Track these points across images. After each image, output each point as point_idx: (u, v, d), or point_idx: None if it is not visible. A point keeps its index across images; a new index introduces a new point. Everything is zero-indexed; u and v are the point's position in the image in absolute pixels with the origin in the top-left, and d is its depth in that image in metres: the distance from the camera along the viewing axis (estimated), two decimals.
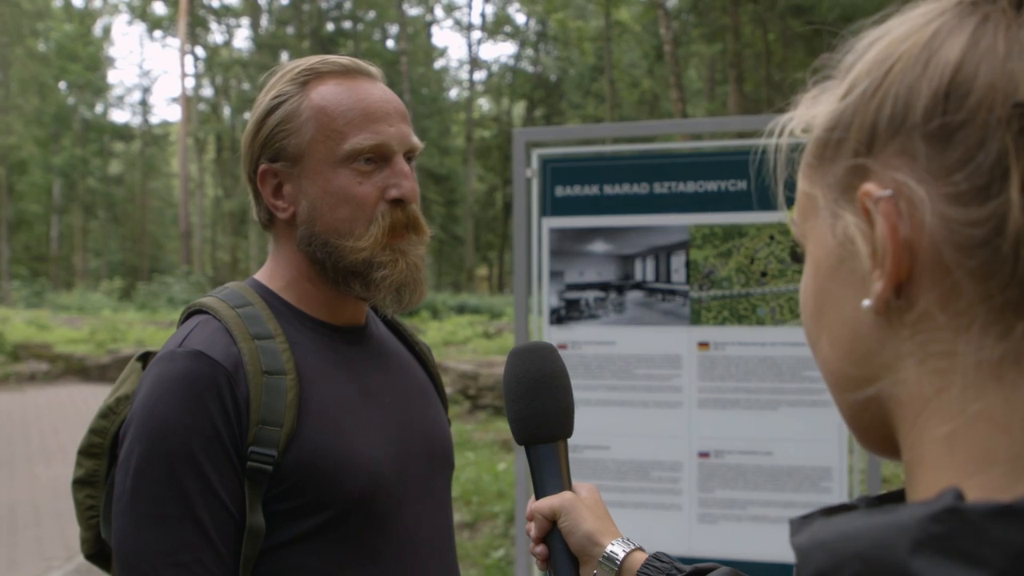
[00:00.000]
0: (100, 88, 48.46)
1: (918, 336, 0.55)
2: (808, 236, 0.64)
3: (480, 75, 50.11)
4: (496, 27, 48.09)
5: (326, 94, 1.41)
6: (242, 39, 55.89)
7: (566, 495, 1.15)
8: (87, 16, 49.63)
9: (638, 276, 3.15)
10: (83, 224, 47.91)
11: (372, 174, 1.40)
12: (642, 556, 1.12)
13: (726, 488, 3.06)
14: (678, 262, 3.12)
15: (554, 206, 3.23)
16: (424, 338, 1.75)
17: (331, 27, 45.27)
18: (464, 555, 6.31)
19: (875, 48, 0.59)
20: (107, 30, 52.48)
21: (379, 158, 1.40)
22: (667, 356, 3.12)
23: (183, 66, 42.24)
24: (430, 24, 49.78)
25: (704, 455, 3.09)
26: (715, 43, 28.22)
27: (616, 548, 1.11)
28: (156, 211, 53.06)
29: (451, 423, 1.66)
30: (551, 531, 1.15)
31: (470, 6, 54.74)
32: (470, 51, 49.12)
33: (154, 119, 61.96)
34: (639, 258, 3.15)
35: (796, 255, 0.73)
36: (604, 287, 3.17)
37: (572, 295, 3.20)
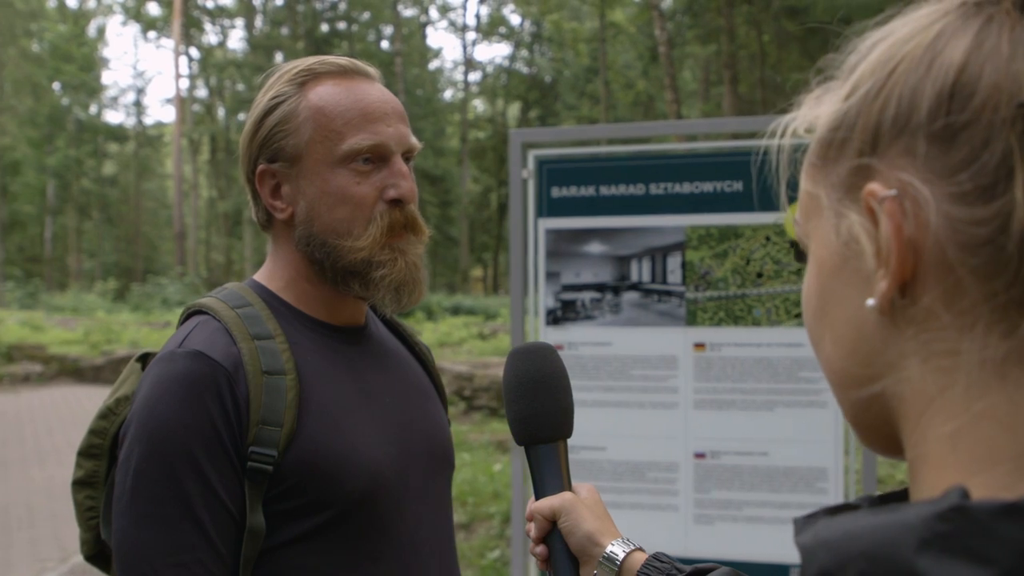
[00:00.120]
0: (94, 89, 48.39)
1: (922, 335, 0.55)
2: (811, 236, 0.64)
3: (475, 76, 50.18)
4: (491, 28, 48.11)
5: (324, 95, 1.40)
6: (236, 40, 55.77)
7: (566, 495, 1.15)
8: (81, 17, 49.58)
9: (634, 277, 3.15)
10: (77, 225, 47.83)
11: (370, 174, 1.40)
12: (642, 556, 1.12)
13: (722, 489, 3.06)
14: (674, 263, 3.12)
15: (550, 207, 3.23)
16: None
17: (326, 28, 45.21)
18: (460, 556, 6.31)
19: (878, 49, 0.59)
20: (101, 31, 52.42)
21: (377, 158, 1.40)
22: (663, 357, 3.12)
23: (177, 67, 42.24)
24: (425, 25, 49.78)
25: (700, 456, 3.09)
26: (710, 44, 28.25)
27: (616, 548, 1.12)
28: (150, 212, 53.00)
29: (451, 423, 1.66)
30: (551, 531, 1.15)
31: (465, 7, 54.74)
32: (465, 52, 49.17)
33: (148, 120, 62.08)
34: (635, 259, 3.15)
35: (799, 254, 0.73)
36: (600, 288, 3.18)
37: (568, 296, 3.20)
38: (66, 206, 46.33)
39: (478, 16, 49.52)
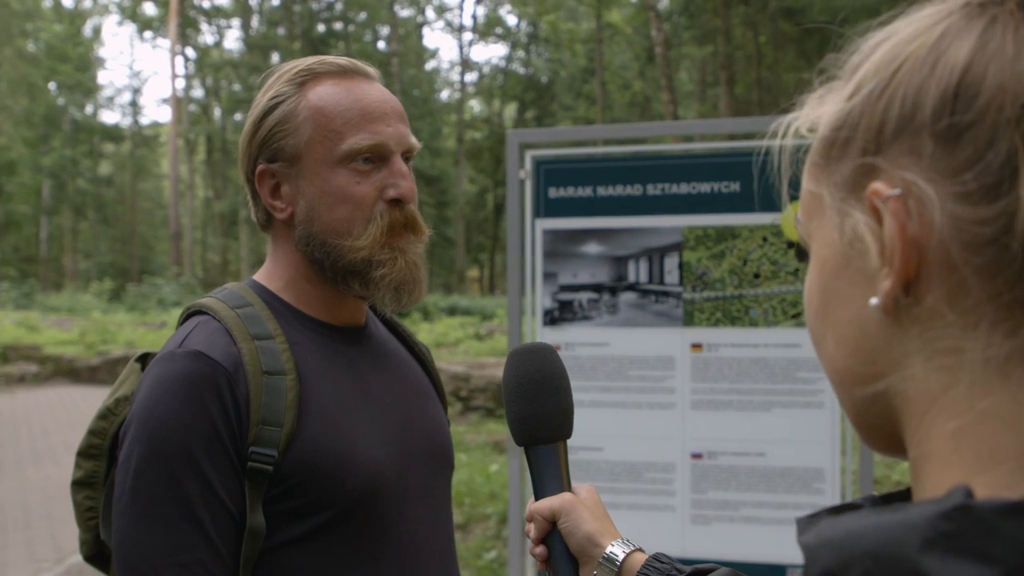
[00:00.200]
0: (90, 89, 48.32)
1: (926, 333, 0.55)
2: (813, 235, 0.64)
3: (471, 77, 50.11)
4: (487, 29, 48.10)
5: (324, 94, 1.41)
6: (233, 40, 55.84)
7: (566, 496, 1.15)
8: (77, 17, 49.51)
9: (631, 277, 3.15)
10: (73, 225, 47.78)
11: (370, 174, 1.40)
12: (642, 557, 1.12)
13: (719, 489, 3.06)
14: (671, 263, 3.12)
15: (547, 207, 3.23)
16: None
17: (322, 28, 45.21)
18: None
19: (882, 49, 0.59)
20: (97, 31, 52.39)
21: (377, 158, 1.41)
22: (660, 357, 3.12)
23: (173, 67, 42.19)
24: (421, 25, 49.77)
25: (697, 456, 3.09)
26: (706, 45, 28.28)
27: (616, 549, 1.11)
28: (146, 212, 52.94)
29: (450, 424, 1.66)
30: (551, 532, 1.15)
31: (461, 8, 54.72)
32: (461, 53, 49.29)
33: (144, 120, 61.83)
34: (632, 259, 3.15)
35: (801, 253, 0.73)
36: (597, 288, 3.18)
37: (565, 296, 3.20)
38: (62, 206, 46.25)
39: (475, 17, 49.49)
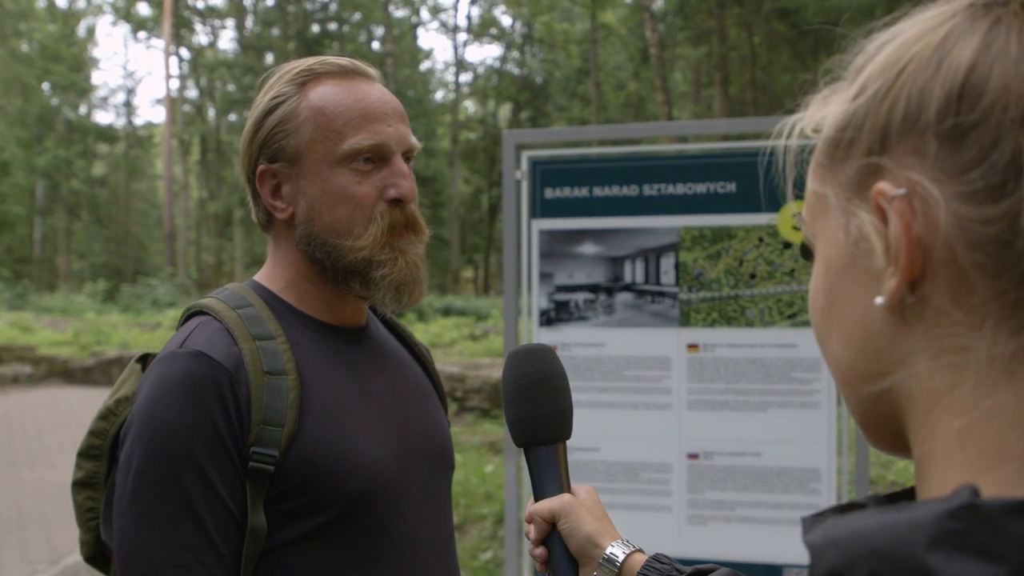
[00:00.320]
0: (84, 89, 48.23)
1: (931, 332, 0.56)
2: (818, 235, 0.64)
3: (466, 77, 50.11)
4: (482, 29, 48.09)
5: (324, 95, 1.41)
6: (227, 40, 55.59)
7: (565, 497, 1.15)
8: (71, 17, 49.41)
9: (628, 278, 3.15)
10: (66, 226, 47.67)
11: (371, 174, 1.40)
12: (642, 558, 1.12)
13: (715, 489, 3.07)
14: (667, 264, 3.12)
15: (544, 208, 3.23)
16: None
17: (316, 29, 45.14)
18: None
19: (886, 50, 0.60)
20: (91, 31, 52.28)
21: (378, 158, 1.41)
22: (656, 358, 3.12)
23: (168, 67, 42.11)
24: (416, 26, 49.74)
25: (693, 456, 3.09)
26: (700, 46, 28.31)
27: (616, 550, 1.12)
28: (140, 213, 52.81)
29: (451, 424, 1.66)
30: (550, 533, 1.15)
31: (456, 8, 54.84)
32: (456, 53, 49.15)
33: (138, 120, 61.80)
34: (629, 260, 3.16)
35: (805, 253, 0.74)
36: (594, 289, 3.18)
37: (562, 297, 3.21)
38: (55, 207, 46.13)
39: (469, 17, 49.66)
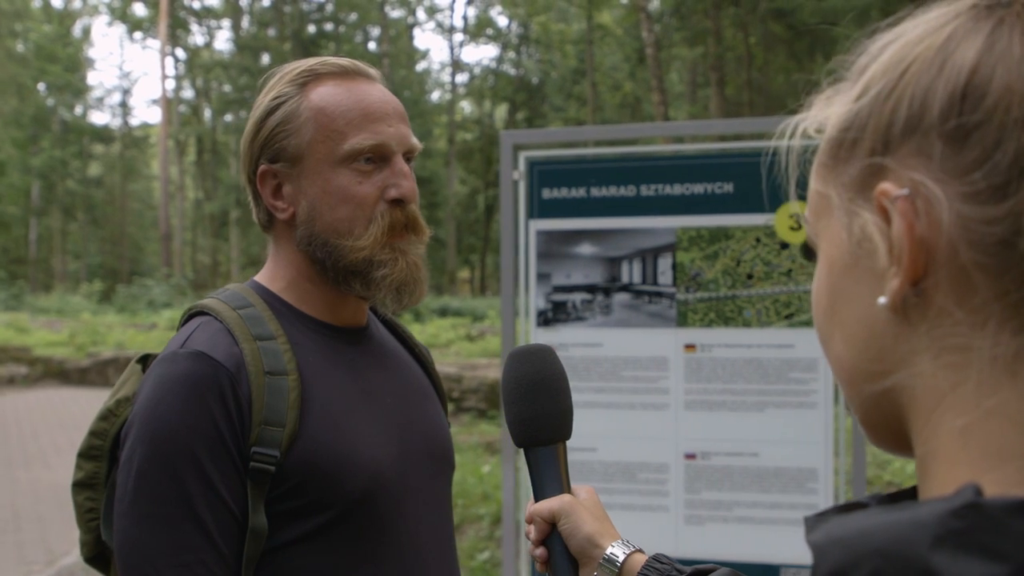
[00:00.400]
0: (79, 90, 48.15)
1: (934, 331, 0.56)
2: (821, 235, 0.64)
3: (462, 78, 50.09)
4: (478, 30, 48.08)
5: (325, 95, 1.41)
6: (223, 41, 55.60)
7: (565, 498, 1.15)
8: (66, 17, 49.34)
9: (625, 278, 3.15)
10: (62, 226, 47.59)
11: (372, 174, 1.41)
12: (642, 558, 1.12)
13: (712, 489, 3.07)
14: (665, 264, 3.12)
15: (541, 208, 3.23)
16: None
17: (312, 29, 45.09)
18: None
19: (889, 50, 0.60)
20: (87, 31, 52.20)
21: (378, 158, 1.41)
22: (654, 358, 3.12)
23: (163, 68, 42.11)
24: (412, 26, 49.68)
25: (690, 457, 3.10)
26: (697, 46, 28.31)
27: (616, 550, 1.12)
28: (136, 213, 52.71)
29: (451, 425, 1.66)
30: (551, 533, 1.15)
31: (452, 8, 54.74)
32: (452, 54, 49.12)
33: (134, 121, 61.56)
34: (626, 260, 3.16)
35: (808, 252, 0.74)
36: (591, 289, 3.18)
37: (559, 297, 3.21)
38: (51, 207, 46.06)
39: (465, 18, 49.49)
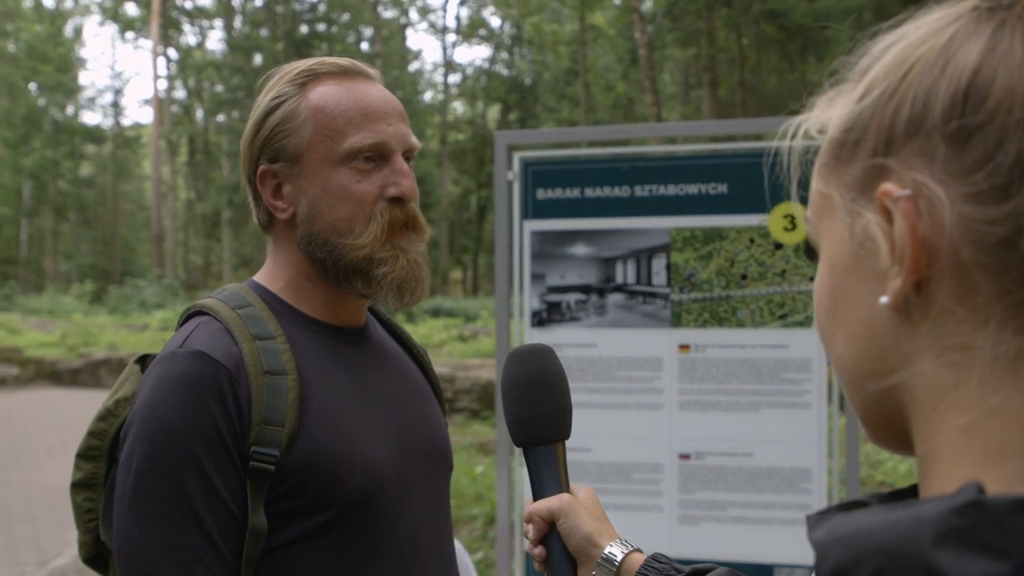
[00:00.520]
0: (71, 90, 47.98)
1: (936, 330, 0.56)
2: (823, 235, 0.65)
3: (455, 78, 50.04)
4: (471, 30, 48.07)
5: (324, 94, 1.41)
6: (215, 41, 55.37)
7: (564, 497, 1.16)
8: (58, 17, 49.17)
9: (619, 279, 3.16)
10: (53, 227, 47.43)
11: (371, 173, 1.41)
12: (640, 557, 1.12)
13: (706, 489, 3.07)
14: (659, 265, 3.13)
15: (535, 209, 3.23)
16: None
17: (305, 29, 45.03)
18: None
19: (891, 52, 0.60)
20: (78, 31, 52.01)
21: (378, 157, 1.41)
22: (648, 358, 3.13)
23: (155, 68, 41.97)
24: (405, 27, 49.65)
25: (685, 457, 3.10)
26: (689, 47, 28.33)
27: (615, 550, 1.12)
28: (128, 214, 52.54)
29: (448, 425, 1.67)
30: (549, 533, 1.15)
31: (445, 9, 54.73)
32: (445, 54, 49.04)
33: (126, 121, 61.35)
34: (620, 261, 3.16)
35: (810, 252, 0.74)
36: (585, 290, 3.18)
37: (553, 298, 3.21)
38: (42, 208, 45.90)
39: (458, 18, 49.56)
